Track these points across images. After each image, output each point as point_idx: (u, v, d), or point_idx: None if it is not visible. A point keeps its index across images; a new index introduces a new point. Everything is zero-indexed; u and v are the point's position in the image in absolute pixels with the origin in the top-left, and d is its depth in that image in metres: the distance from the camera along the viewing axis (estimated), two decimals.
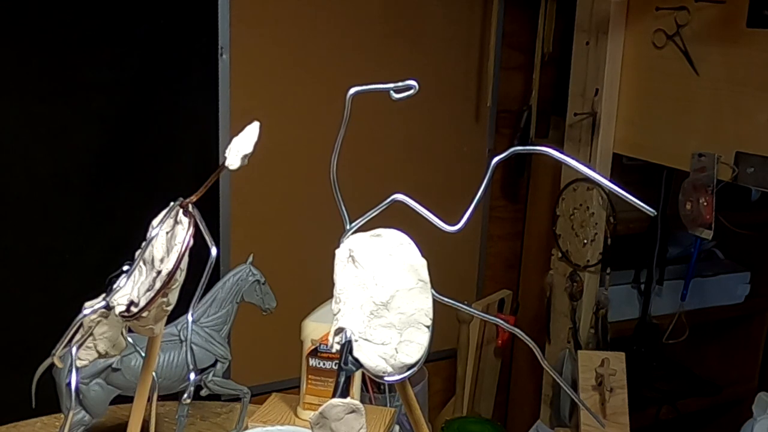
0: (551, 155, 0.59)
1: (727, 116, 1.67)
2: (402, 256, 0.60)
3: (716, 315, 2.45)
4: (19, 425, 1.23)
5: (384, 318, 0.59)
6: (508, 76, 2.40)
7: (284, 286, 1.32)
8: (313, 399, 1.22)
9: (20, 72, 1.74)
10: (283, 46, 2.01)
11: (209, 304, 1.17)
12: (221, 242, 1.99)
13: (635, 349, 2.23)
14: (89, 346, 0.82)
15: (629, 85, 1.92)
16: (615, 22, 1.88)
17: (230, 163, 0.72)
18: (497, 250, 2.54)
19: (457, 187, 2.31)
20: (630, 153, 1.95)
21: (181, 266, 0.72)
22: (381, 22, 2.13)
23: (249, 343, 1.94)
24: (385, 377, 0.58)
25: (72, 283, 1.84)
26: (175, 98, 1.92)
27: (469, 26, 2.29)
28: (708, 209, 1.67)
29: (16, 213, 1.80)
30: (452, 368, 2.38)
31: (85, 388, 1.09)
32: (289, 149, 2.05)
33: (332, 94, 2.02)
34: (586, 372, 1.91)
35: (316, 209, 2.06)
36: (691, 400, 2.43)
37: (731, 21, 1.63)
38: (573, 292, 2.07)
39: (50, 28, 1.74)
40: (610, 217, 2.00)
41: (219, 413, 1.31)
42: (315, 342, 1.20)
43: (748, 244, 2.44)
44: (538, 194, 2.46)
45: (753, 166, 1.60)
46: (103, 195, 1.88)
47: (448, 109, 2.30)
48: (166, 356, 1.12)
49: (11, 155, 1.77)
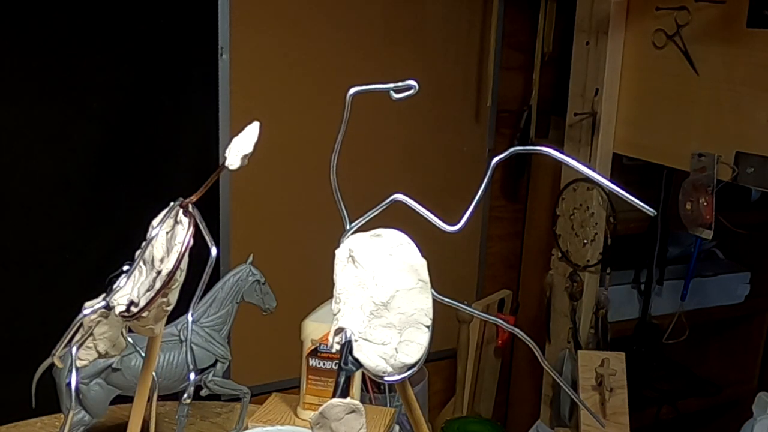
0: (551, 155, 0.59)
1: (727, 116, 1.67)
2: (402, 256, 0.60)
3: (716, 315, 2.45)
4: (19, 425, 1.23)
5: (384, 318, 0.59)
6: (508, 76, 2.40)
7: (284, 286, 1.32)
8: (313, 399, 1.22)
9: (20, 72, 1.74)
10: (283, 46, 2.01)
11: (209, 304, 1.17)
12: (221, 242, 1.99)
13: (635, 349, 2.23)
14: (89, 346, 0.82)
15: (629, 85, 1.92)
16: (615, 22, 1.88)
17: (230, 163, 0.72)
18: (497, 250, 2.54)
19: (457, 187, 2.31)
20: (630, 153, 1.95)
21: (181, 266, 0.72)
22: (381, 22, 2.13)
23: (249, 343, 1.94)
24: (385, 377, 0.58)
25: (72, 283, 1.84)
26: (175, 98, 1.92)
27: (469, 26, 2.29)
28: (708, 209, 1.67)
29: (16, 213, 1.80)
30: (452, 368, 2.38)
31: (85, 388, 1.09)
32: (289, 149, 2.05)
33: (332, 95, 2.02)
34: (586, 372, 1.91)
35: (316, 209, 2.06)
36: (691, 400, 2.43)
37: (731, 21, 1.63)
38: (573, 292, 2.07)
39: (50, 28, 1.74)
40: (610, 217, 2.00)
41: (219, 413, 1.31)
42: (315, 342, 1.20)
43: (748, 244, 2.44)
44: (538, 194, 2.46)
45: (753, 166, 1.60)
46: (103, 195, 1.88)
47: (448, 109, 2.30)
48: (166, 356, 1.12)
49: (11, 155, 1.77)
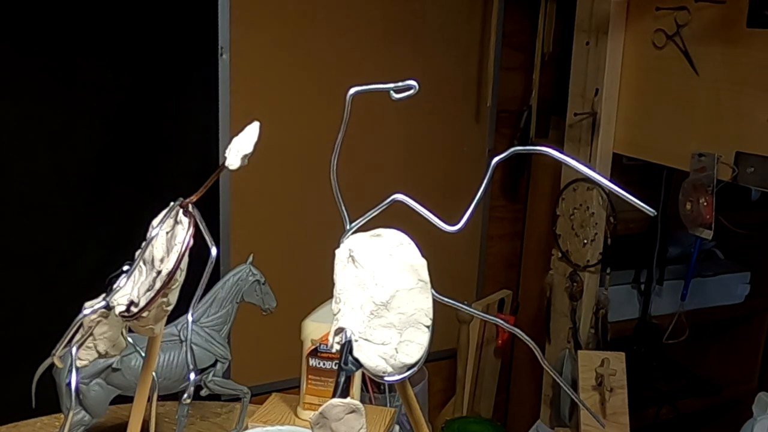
0: (551, 155, 0.59)
1: (727, 116, 1.67)
2: (402, 256, 0.60)
3: (716, 315, 2.45)
4: (19, 425, 1.23)
5: (384, 318, 0.59)
6: (508, 76, 2.40)
7: (284, 286, 1.32)
8: (313, 399, 1.22)
9: (20, 72, 1.74)
10: (283, 46, 2.01)
11: (209, 304, 1.17)
12: (221, 242, 1.99)
13: (635, 349, 2.23)
14: (89, 346, 0.82)
15: (629, 85, 1.92)
16: (615, 22, 1.88)
17: (230, 163, 0.72)
18: (497, 250, 2.54)
19: (457, 187, 2.31)
20: (630, 153, 1.95)
21: (181, 266, 0.72)
22: (381, 22, 2.13)
23: (249, 343, 1.94)
24: (385, 377, 0.58)
25: (72, 283, 1.84)
26: (175, 98, 1.92)
27: (469, 26, 2.29)
28: (708, 209, 1.67)
29: (16, 213, 1.80)
30: (452, 368, 2.37)
31: (85, 388, 1.09)
32: (289, 149, 2.05)
33: (332, 94, 2.02)
34: (586, 372, 1.91)
35: (316, 209, 2.06)
36: (691, 400, 2.43)
37: (731, 21, 1.63)
38: (573, 292, 2.07)
39: (50, 28, 1.74)
40: (610, 217, 2.00)
41: (219, 413, 1.31)
42: (315, 342, 1.20)
43: (748, 244, 2.43)
44: (538, 194, 2.45)
45: (753, 166, 1.60)
46: (103, 195, 1.88)
47: (448, 109, 2.30)
48: (166, 356, 1.12)
49: (11, 155, 1.77)
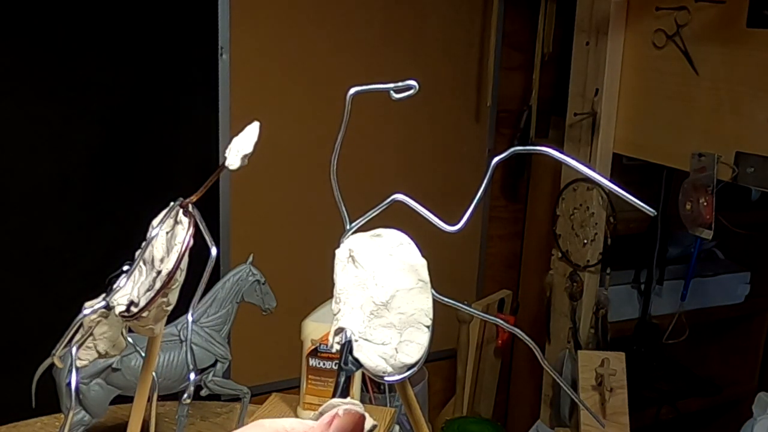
0: (551, 155, 0.59)
1: (727, 116, 1.67)
2: (402, 256, 0.60)
3: (716, 315, 2.45)
4: (19, 425, 1.23)
5: (384, 318, 0.59)
6: (508, 76, 2.40)
7: (284, 286, 1.32)
8: (313, 399, 1.22)
9: (20, 72, 1.74)
10: (283, 46, 2.01)
11: (209, 304, 1.17)
12: (221, 242, 1.99)
13: (635, 349, 2.23)
14: (89, 346, 0.82)
15: (629, 85, 1.91)
16: (615, 22, 1.88)
17: (230, 163, 0.72)
18: (497, 250, 2.54)
19: (457, 187, 2.31)
20: (630, 153, 1.95)
21: (181, 266, 0.71)
22: (381, 22, 2.13)
23: (249, 343, 1.94)
24: (385, 377, 0.58)
25: (72, 283, 1.84)
26: (175, 98, 1.92)
27: (469, 26, 2.29)
28: (708, 209, 1.67)
29: (16, 213, 1.80)
30: (452, 368, 2.37)
31: (85, 388, 1.09)
32: (289, 149, 2.05)
33: (332, 95, 2.02)
34: (586, 372, 1.91)
35: (316, 209, 2.06)
36: (691, 400, 2.43)
37: (731, 21, 1.63)
38: (573, 292, 2.07)
39: (50, 28, 1.74)
40: (610, 217, 2.00)
41: (219, 413, 1.31)
42: (315, 342, 1.20)
43: (748, 244, 2.43)
44: (538, 194, 2.45)
45: (753, 166, 1.60)
46: (103, 195, 1.88)
47: (448, 109, 2.30)
48: (166, 356, 1.12)
49: (11, 155, 1.77)
